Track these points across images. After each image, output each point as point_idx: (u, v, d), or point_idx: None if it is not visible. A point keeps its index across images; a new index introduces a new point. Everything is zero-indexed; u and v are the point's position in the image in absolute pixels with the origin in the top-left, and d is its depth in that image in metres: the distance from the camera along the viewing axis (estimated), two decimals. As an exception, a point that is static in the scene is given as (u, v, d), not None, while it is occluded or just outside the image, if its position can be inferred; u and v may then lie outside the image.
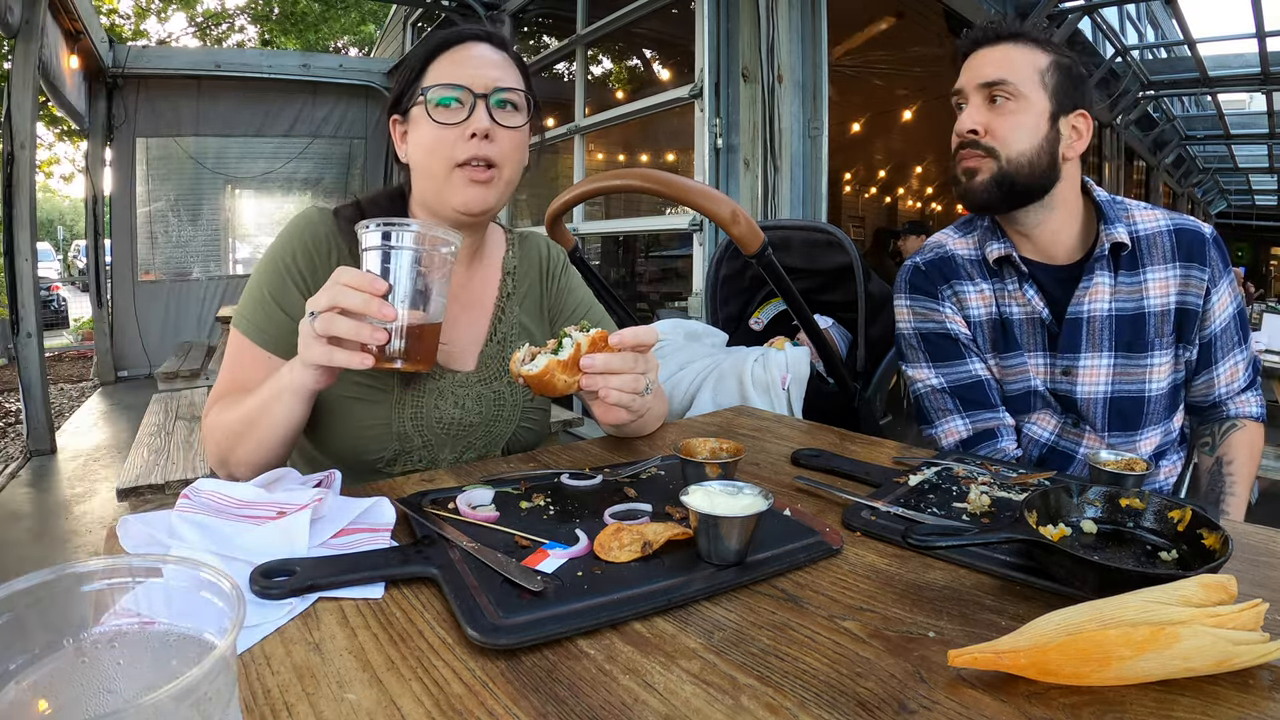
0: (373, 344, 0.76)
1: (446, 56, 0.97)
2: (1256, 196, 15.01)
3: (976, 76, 1.15)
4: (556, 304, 1.18)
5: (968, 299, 1.26)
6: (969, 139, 1.16)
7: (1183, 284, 1.16)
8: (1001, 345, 1.24)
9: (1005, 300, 1.23)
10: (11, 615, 0.36)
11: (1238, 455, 1.20)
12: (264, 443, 0.87)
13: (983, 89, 1.15)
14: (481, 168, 0.95)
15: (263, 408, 0.85)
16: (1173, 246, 1.16)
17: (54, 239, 30.58)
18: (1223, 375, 1.20)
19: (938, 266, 1.28)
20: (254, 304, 0.97)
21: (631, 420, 0.89)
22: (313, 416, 1.00)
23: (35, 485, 3.81)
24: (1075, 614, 0.50)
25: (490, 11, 5.63)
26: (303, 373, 0.81)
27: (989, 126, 1.14)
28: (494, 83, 0.96)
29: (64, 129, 8.92)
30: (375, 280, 0.75)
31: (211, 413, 0.94)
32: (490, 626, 0.53)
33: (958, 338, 1.26)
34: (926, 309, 1.28)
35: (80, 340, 9.67)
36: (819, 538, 0.70)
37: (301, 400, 0.84)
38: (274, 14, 11.89)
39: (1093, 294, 1.17)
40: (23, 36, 4.07)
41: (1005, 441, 1.24)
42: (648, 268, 7.00)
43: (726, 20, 3.50)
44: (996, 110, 1.14)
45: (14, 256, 4.20)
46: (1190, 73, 6.75)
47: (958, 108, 1.20)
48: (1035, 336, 1.21)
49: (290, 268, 0.96)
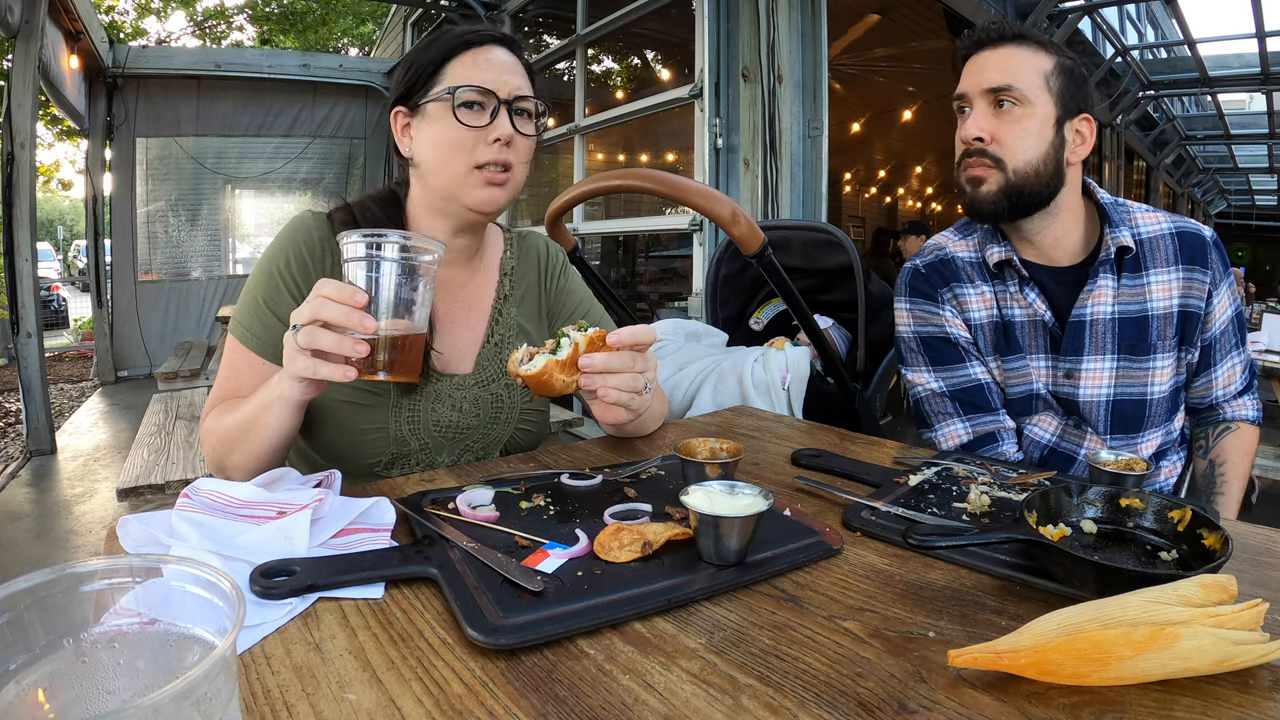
0: (354, 356, 0.75)
1: (468, 57, 0.97)
2: (1256, 196, 15.01)
3: (981, 81, 1.12)
4: (555, 305, 1.18)
5: (968, 302, 1.25)
6: (975, 147, 1.13)
7: (1186, 287, 1.15)
8: (1003, 348, 1.23)
9: (1007, 303, 1.22)
10: (11, 615, 0.36)
11: (1229, 457, 1.21)
12: (257, 450, 0.87)
13: (988, 94, 1.12)
14: (499, 171, 0.97)
15: (255, 417, 0.86)
16: (1175, 249, 1.15)
17: (54, 239, 30.58)
18: (1220, 378, 1.20)
19: (937, 269, 1.27)
20: (249, 310, 0.97)
21: (631, 419, 0.89)
22: (309, 421, 1.00)
23: (35, 485, 3.81)
24: (1075, 614, 0.50)
25: (490, 11, 5.63)
26: (290, 385, 0.80)
27: (995, 134, 1.11)
28: (515, 90, 0.97)
29: (64, 128, 8.92)
30: (355, 292, 0.75)
31: (209, 418, 0.94)
32: (490, 626, 0.53)
33: (957, 341, 1.25)
34: (926, 312, 1.27)
35: (80, 340, 9.67)
36: (819, 538, 0.70)
37: (292, 410, 0.84)
38: (274, 13, 11.88)
39: (1096, 297, 1.15)
40: (23, 36, 4.07)
41: (1006, 445, 1.24)
42: (648, 268, 7.00)
43: (726, 20, 3.50)
44: (1002, 116, 1.11)
45: (14, 256, 4.20)
46: (1190, 73, 6.75)
47: (960, 111, 1.17)
48: (1037, 339, 1.21)
49: (283, 273, 0.97)
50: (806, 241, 1.89)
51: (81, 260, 12.89)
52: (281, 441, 0.87)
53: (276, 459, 0.90)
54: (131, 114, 6.53)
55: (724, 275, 2.02)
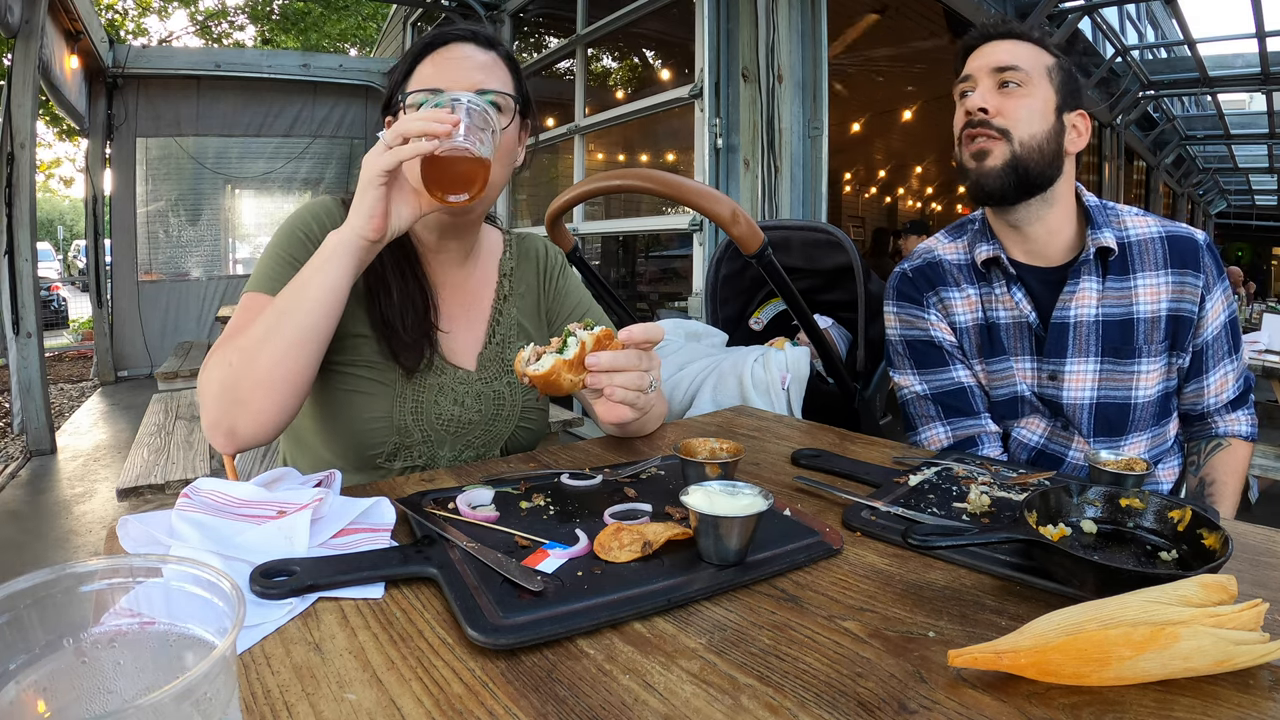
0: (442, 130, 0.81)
1: (430, 59, 0.98)
2: (1256, 196, 15.00)
3: (989, 62, 1.15)
4: (554, 305, 1.19)
5: (954, 305, 1.26)
6: (979, 117, 1.14)
7: (1177, 290, 1.14)
8: (988, 350, 1.24)
9: (992, 305, 1.22)
10: (11, 615, 0.36)
11: (1218, 476, 1.20)
12: (293, 339, 0.83)
13: (994, 73, 1.14)
14: None
15: (300, 287, 0.85)
16: (1165, 253, 1.15)
17: (54, 239, 30.58)
18: (1213, 385, 1.19)
19: (924, 273, 1.28)
20: (271, 264, 0.96)
21: (635, 418, 0.89)
22: (315, 408, 1.00)
23: (35, 485, 3.81)
24: (1075, 614, 0.50)
25: (490, 11, 5.63)
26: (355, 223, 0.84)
27: (1000, 108, 1.13)
28: (475, 85, 0.96)
29: (64, 128, 8.92)
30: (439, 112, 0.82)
31: (212, 359, 0.87)
32: (490, 626, 0.53)
33: (942, 345, 1.26)
34: (912, 316, 1.28)
35: (80, 340, 9.67)
36: (819, 538, 0.70)
37: (351, 257, 0.85)
38: (274, 12, 11.89)
39: (1079, 299, 1.16)
40: (22, 36, 4.07)
41: (988, 449, 1.23)
42: (648, 268, 7.00)
43: (726, 20, 3.50)
44: (1007, 94, 1.13)
45: (14, 256, 4.20)
46: (1190, 73, 6.75)
47: (962, 96, 1.18)
48: (1022, 341, 1.21)
49: (310, 234, 0.98)
50: (806, 241, 1.89)
51: (81, 260, 12.88)
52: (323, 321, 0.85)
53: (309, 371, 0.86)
54: (132, 114, 6.53)
55: (724, 275, 2.02)
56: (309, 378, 0.87)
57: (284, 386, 0.84)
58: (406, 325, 0.99)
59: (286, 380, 0.84)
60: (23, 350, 4.28)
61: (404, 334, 0.99)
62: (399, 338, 0.99)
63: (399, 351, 0.99)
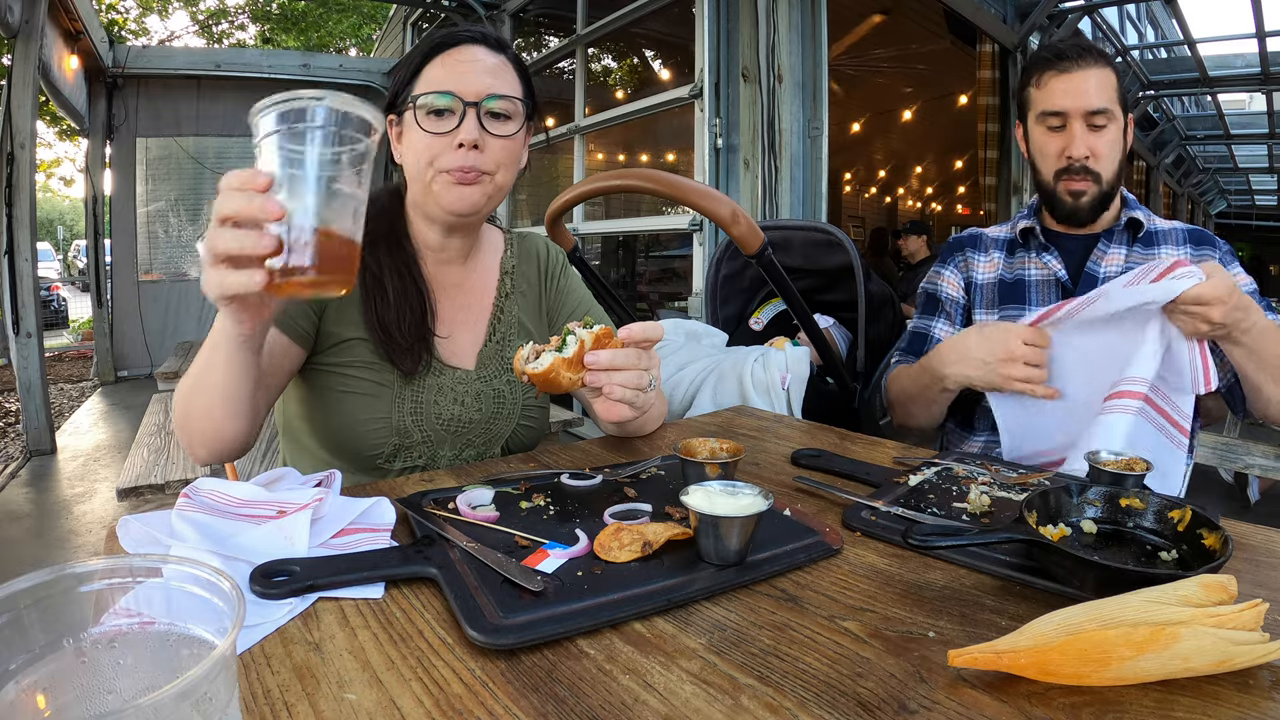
0: (256, 252, 0.60)
1: (440, 60, 0.97)
2: (1256, 196, 14.98)
3: (1083, 104, 1.22)
4: (555, 304, 1.19)
5: (976, 264, 1.40)
6: (1080, 164, 1.24)
7: (1197, 261, 1.21)
8: (1003, 300, 1.36)
9: (1024, 266, 1.35)
10: (11, 615, 0.36)
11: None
12: (209, 404, 0.80)
13: (1089, 115, 1.23)
14: (468, 172, 0.96)
15: (206, 362, 0.79)
16: (1185, 236, 1.29)
17: (54, 239, 30.57)
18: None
19: (963, 240, 1.44)
20: None
21: (634, 417, 0.89)
22: (313, 410, 1.00)
23: (35, 485, 3.81)
24: (1075, 614, 0.50)
25: (490, 11, 5.63)
26: (222, 316, 0.70)
27: (1094, 150, 1.24)
28: (486, 90, 0.95)
29: (64, 128, 8.91)
30: (255, 174, 0.61)
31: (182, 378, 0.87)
32: (490, 626, 0.53)
33: (941, 299, 1.42)
34: (936, 272, 1.45)
35: (80, 340, 9.67)
36: (819, 538, 0.70)
37: (239, 348, 0.74)
38: (274, 12, 11.88)
39: (1109, 259, 1.28)
40: (23, 36, 4.07)
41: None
42: (648, 268, 6.99)
43: (726, 20, 3.50)
44: (1098, 135, 1.24)
45: (14, 256, 4.20)
46: (1190, 73, 6.74)
47: (1050, 128, 1.27)
48: (1050, 295, 1.32)
49: None
50: (806, 241, 1.89)
51: (81, 260, 12.88)
52: (235, 392, 0.79)
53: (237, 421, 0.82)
54: (132, 114, 6.53)
55: (724, 275, 2.02)
56: (250, 414, 0.84)
57: (226, 424, 0.83)
58: (403, 329, 0.98)
59: (226, 420, 0.82)
60: (23, 350, 4.28)
61: (400, 338, 0.98)
62: (395, 342, 0.98)
63: (395, 356, 0.98)
